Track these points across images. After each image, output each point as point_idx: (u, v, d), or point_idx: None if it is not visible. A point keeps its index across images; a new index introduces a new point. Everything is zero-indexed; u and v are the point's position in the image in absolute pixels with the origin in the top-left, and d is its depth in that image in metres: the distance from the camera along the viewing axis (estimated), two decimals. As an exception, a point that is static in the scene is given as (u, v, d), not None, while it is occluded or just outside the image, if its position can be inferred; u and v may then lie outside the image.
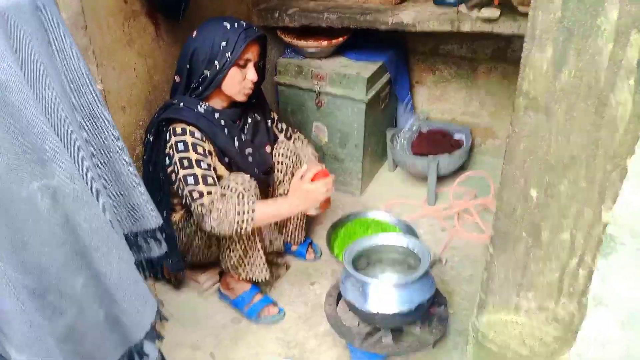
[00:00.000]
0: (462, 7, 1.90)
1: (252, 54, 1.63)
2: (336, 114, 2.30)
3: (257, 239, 1.69)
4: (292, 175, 1.88)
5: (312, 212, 1.74)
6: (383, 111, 2.46)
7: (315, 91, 2.28)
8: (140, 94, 1.79)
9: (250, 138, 1.77)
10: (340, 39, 2.26)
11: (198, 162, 1.56)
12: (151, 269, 1.21)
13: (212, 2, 2.04)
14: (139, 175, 1.09)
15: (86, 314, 0.98)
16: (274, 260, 2.01)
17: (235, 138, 1.69)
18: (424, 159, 2.34)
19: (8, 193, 0.80)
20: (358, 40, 2.36)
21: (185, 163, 1.55)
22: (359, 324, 1.60)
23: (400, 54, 2.50)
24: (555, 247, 0.76)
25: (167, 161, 1.60)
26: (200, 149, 1.58)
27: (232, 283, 1.83)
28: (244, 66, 1.62)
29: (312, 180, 1.65)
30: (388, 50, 2.39)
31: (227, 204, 1.53)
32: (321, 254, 2.10)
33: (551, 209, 0.78)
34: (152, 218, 1.13)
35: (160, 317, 1.08)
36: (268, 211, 1.62)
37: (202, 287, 1.89)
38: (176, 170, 1.56)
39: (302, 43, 2.26)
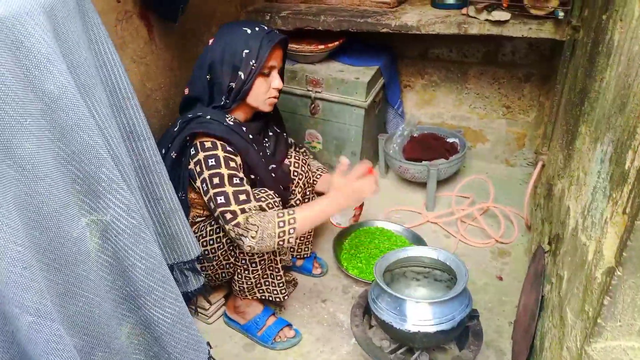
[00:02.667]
0: (470, 9, 1.86)
1: (275, 60, 1.51)
2: (332, 120, 2.20)
3: (278, 257, 1.56)
4: (304, 186, 1.76)
5: (344, 223, 1.64)
6: (376, 116, 2.39)
7: (310, 97, 2.17)
8: (134, 103, 1.61)
9: (272, 152, 1.65)
10: (336, 43, 2.16)
11: (230, 177, 1.41)
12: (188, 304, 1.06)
13: (201, 3, 1.89)
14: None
15: (132, 368, 0.82)
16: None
17: (261, 153, 1.56)
18: (422, 166, 2.28)
19: (58, 235, 0.64)
20: (350, 44, 2.28)
21: (216, 181, 1.40)
22: (390, 345, 1.51)
23: (392, 58, 2.44)
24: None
25: (195, 176, 1.44)
26: (232, 164, 1.44)
27: (242, 306, 1.68)
28: (268, 74, 1.50)
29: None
30: (382, 55, 2.33)
31: (265, 217, 1.39)
32: (328, 269, 1.99)
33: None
34: (191, 247, 0.99)
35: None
36: (309, 215, 1.45)
37: (207, 314, 1.72)
38: (204, 188, 1.41)
39: (296, 47, 2.14)
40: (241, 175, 1.45)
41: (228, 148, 1.45)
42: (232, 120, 1.50)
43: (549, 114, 1.93)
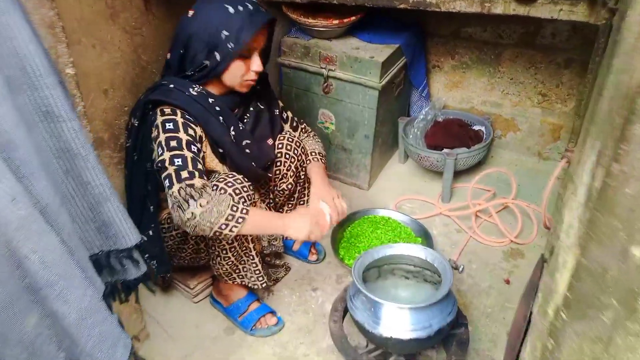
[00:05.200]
0: (495, -14, 1.66)
1: (258, 41, 1.42)
2: (345, 101, 2.09)
3: (250, 244, 1.51)
4: (297, 170, 1.68)
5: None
6: (396, 98, 2.24)
7: (323, 75, 2.06)
8: (125, 75, 1.57)
9: (250, 129, 1.56)
10: (353, 18, 2.03)
11: (189, 143, 1.35)
12: (127, 292, 1.02)
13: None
14: (109, 183, 0.89)
15: (41, 359, 0.80)
16: (272, 261, 1.83)
17: (232, 128, 1.48)
18: (440, 154, 2.13)
19: None
20: (371, 19, 2.13)
21: (173, 144, 1.32)
22: (367, 345, 1.43)
23: (418, 36, 2.27)
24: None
25: (153, 145, 1.39)
26: (191, 131, 1.37)
27: (225, 289, 1.65)
28: (248, 56, 1.42)
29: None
30: (405, 32, 2.16)
31: (221, 194, 1.33)
32: (325, 255, 1.92)
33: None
34: (128, 236, 0.94)
35: (135, 357, 0.90)
36: (262, 219, 1.41)
37: (192, 293, 1.70)
38: (160, 152, 1.33)
39: (310, 21, 2.03)
40: (199, 146, 1.39)
41: (187, 117, 1.38)
42: (197, 90, 1.42)
43: (577, 105, 1.73)
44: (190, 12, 1.38)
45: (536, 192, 2.17)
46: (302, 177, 1.73)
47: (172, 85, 1.40)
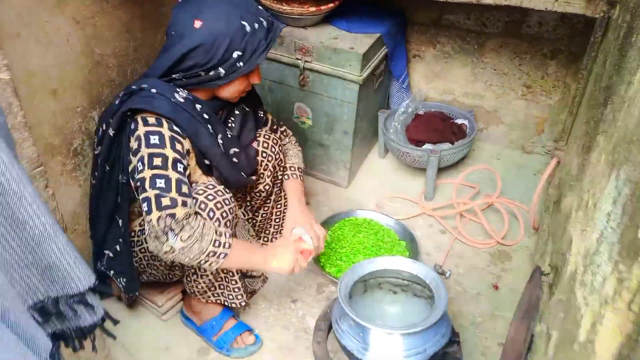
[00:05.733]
0: (486, -27, 1.54)
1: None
2: (323, 95, 1.94)
3: None
4: (275, 170, 1.54)
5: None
6: (376, 91, 2.11)
7: (299, 67, 1.91)
8: (77, 72, 1.39)
9: (236, 134, 1.42)
10: (331, 5, 1.87)
11: (175, 162, 1.20)
12: (81, 338, 0.87)
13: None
14: (54, 221, 0.74)
15: None
16: (248, 272, 1.69)
17: (220, 136, 1.33)
18: (423, 151, 2.02)
19: None
20: (349, 7, 1.98)
21: (157, 162, 1.18)
22: (354, 368, 1.32)
23: (399, 24, 2.13)
24: None
25: (131, 158, 1.23)
26: (179, 146, 1.22)
27: (197, 305, 1.51)
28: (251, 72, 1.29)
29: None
30: (386, 20, 2.02)
31: (204, 226, 1.20)
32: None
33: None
34: (79, 278, 0.79)
35: None
36: (244, 255, 1.30)
37: (160, 311, 1.56)
38: (139, 168, 1.19)
39: (284, 8, 1.86)
40: (185, 163, 1.24)
41: (174, 128, 1.23)
42: (182, 95, 1.27)
43: (570, 103, 1.63)
44: (198, 23, 1.20)
45: (520, 188, 2.10)
46: (280, 177, 1.60)
47: (154, 90, 1.23)
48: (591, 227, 0.84)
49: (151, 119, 1.22)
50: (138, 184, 1.20)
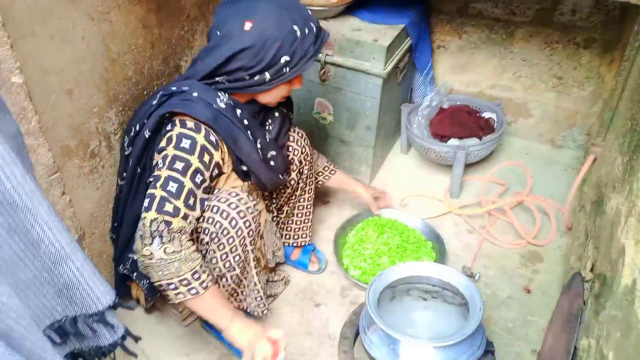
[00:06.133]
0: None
1: None
2: (345, 89, 1.87)
3: (253, 269, 1.32)
4: (300, 163, 1.52)
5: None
6: (400, 84, 2.03)
7: (319, 61, 1.84)
8: (93, 70, 1.33)
9: (274, 137, 1.38)
10: (353, -5, 1.79)
11: (195, 172, 1.16)
12: (101, 356, 0.83)
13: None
14: (72, 241, 0.69)
15: None
16: (270, 276, 1.64)
17: (259, 140, 1.30)
18: (449, 147, 1.94)
19: None
20: (372, -5, 1.90)
21: (179, 166, 1.14)
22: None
23: (423, 13, 2.04)
24: None
25: (155, 155, 1.21)
26: (207, 158, 1.18)
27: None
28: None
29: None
30: (410, 9, 1.94)
31: (193, 253, 1.14)
32: (327, 264, 1.74)
33: None
34: (97, 298, 0.74)
35: None
36: (211, 303, 1.17)
37: (181, 316, 1.52)
38: (160, 165, 1.16)
39: (305, 0, 1.79)
40: (207, 176, 1.19)
41: (211, 137, 1.19)
42: (224, 101, 1.23)
43: (609, 96, 1.54)
44: (248, 25, 1.15)
45: (551, 185, 2.01)
46: (306, 172, 1.56)
47: (195, 94, 1.19)
48: (652, 240, 0.77)
49: (190, 123, 1.18)
50: (152, 179, 1.16)
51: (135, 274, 1.39)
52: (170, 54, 1.60)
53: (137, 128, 1.27)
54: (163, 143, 1.18)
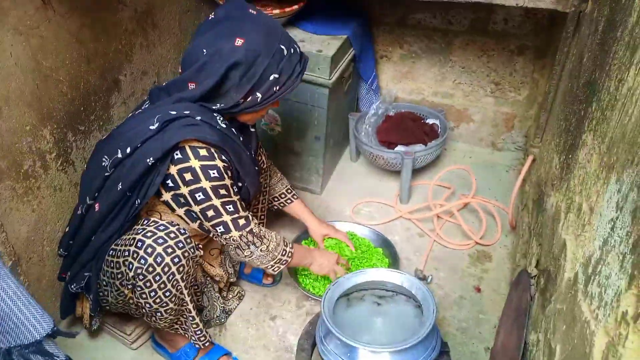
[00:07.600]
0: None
1: None
2: (292, 100, 1.87)
3: (189, 303, 1.29)
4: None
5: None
6: (346, 94, 2.05)
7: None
8: (24, 87, 1.26)
9: (254, 152, 1.46)
10: (295, 7, 1.80)
11: (232, 187, 1.28)
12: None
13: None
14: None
15: None
16: (224, 293, 1.60)
17: (248, 155, 1.36)
18: (397, 153, 1.97)
19: None
20: (313, 8, 1.92)
21: (223, 192, 1.23)
22: (341, 388, 1.25)
23: (365, 24, 2.08)
24: None
25: (179, 184, 1.20)
26: (229, 172, 1.27)
27: (168, 334, 1.41)
28: None
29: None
30: (351, 21, 1.97)
31: (276, 238, 1.35)
32: (281, 277, 1.72)
33: None
34: (34, 327, 0.69)
35: None
36: (297, 260, 1.45)
37: (129, 339, 1.45)
38: (202, 197, 1.21)
39: (246, 11, 1.77)
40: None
41: (223, 157, 1.23)
42: (223, 122, 1.26)
43: (542, 100, 1.62)
44: (239, 40, 1.16)
45: (494, 186, 2.09)
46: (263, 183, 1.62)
47: (198, 118, 1.20)
48: (589, 232, 0.80)
49: (202, 151, 1.19)
50: (206, 211, 1.23)
51: (88, 291, 1.32)
52: (108, 69, 1.54)
53: (128, 151, 1.20)
54: (188, 176, 1.19)
